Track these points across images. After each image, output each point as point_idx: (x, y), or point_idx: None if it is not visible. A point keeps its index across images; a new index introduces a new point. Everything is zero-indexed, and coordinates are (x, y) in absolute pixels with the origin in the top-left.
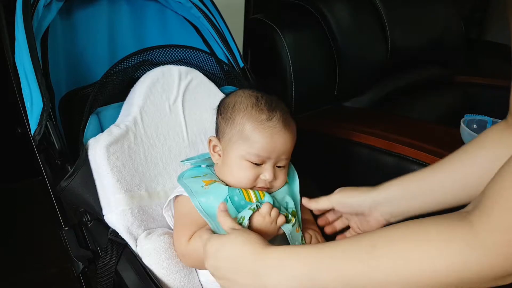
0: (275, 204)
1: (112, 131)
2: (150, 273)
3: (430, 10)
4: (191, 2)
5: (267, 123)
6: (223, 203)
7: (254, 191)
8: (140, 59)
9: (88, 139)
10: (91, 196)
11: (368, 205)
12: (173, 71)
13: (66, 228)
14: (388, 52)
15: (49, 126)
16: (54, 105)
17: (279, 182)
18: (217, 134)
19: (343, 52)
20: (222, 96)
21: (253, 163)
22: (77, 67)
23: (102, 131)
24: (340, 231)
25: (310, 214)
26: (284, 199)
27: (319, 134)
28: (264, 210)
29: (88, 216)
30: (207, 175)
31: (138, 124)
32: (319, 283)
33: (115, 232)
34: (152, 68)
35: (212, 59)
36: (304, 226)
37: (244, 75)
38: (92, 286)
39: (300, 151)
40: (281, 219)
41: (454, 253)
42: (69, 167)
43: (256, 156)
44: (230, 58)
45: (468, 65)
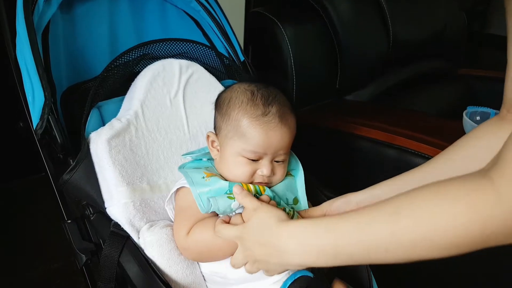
0: (275, 198)
1: (114, 124)
2: (152, 264)
3: (432, 3)
4: None
5: (262, 119)
6: (237, 186)
7: (254, 185)
8: (141, 53)
9: (90, 133)
10: (93, 189)
11: (355, 203)
12: (173, 64)
13: (69, 221)
14: (390, 45)
15: (51, 120)
16: (55, 99)
17: (278, 177)
18: (215, 130)
19: (344, 46)
20: (222, 89)
21: (249, 159)
22: (78, 62)
23: (104, 125)
24: None
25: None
26: (285, 194)
27: (320, 128)
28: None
29: (90, 209)
30: (208, 167)
31: (139, 117)
32: (342, 250)
33: (117, 225)
34: (153, 62)
35: (212, 52)
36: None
37: (244, 68)
38: (95, 278)
39: (302, 145)
40: None
41: (477, 208)
42: (71, 160)
43: (252, 152)
44: (230, 52)
45: (471, 58)
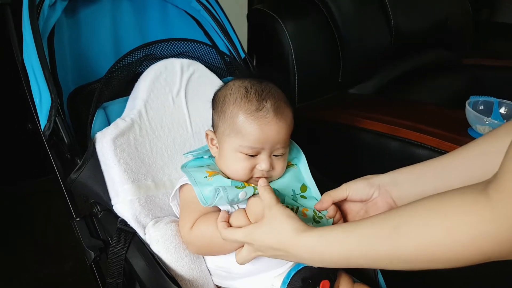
0: (279, 195)
1: (118, 124)
2: (158, 259)
3: None
4: None
5: (256, 114)
6: (263, 179)
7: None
8: (143, 54)
9: (96, 133)
10: (100, 187)
11: (377, 186)
12: (175, 64)
13: (78, 219)
14: (392, 37)
15: (58, 121)
16: (62, 101)
17: (278, 171)
18: (213, 127)
19: (345, 39)
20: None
21: (247, 155)
22: (83, 64)
23: (109, 125)
24: None
25: None
26: (291, 185)
27: (323, 121)
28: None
29: (98, 207)
30: (210, 165)
31: (143, 116)
32: (352, 261)
33: (124, 221)
34: (155, 62)
35: (213, 50)
36: None
37: (245, 65)
38: (104, 274)
39: (304, 139)
40: None
41: (473, 226)
42: (78, 160)
43: (249, 148)
44: (231, 49)
45: (478, 47)
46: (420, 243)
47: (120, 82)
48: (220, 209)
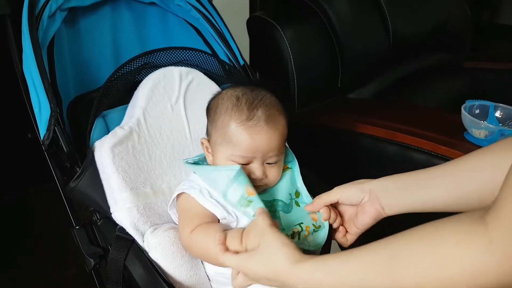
0: (270, 208)
1: (117, 132)
2: (156, 266)
3: None
4: (190, 4)
5: (247, 123)
6: (261, 208)
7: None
8: (142, 62)
9: (95, 141)
10: (99, 195)
11: (368, 191)
12: (174, 72)
13: (77, 227)
14: (390, 41)
15: (57, 130)
16: (61, 110)
17: (272, 179)
18: (207, 136)
19: (344, 44)
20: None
21: (240, 164)
22: (83, 73)
23: (109, 133)
24: None
25: None
26: (288, 190)
27: (320, 126)
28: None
29: (97, 214)
30: None
31: (142, 125)
32: None
33: (122, 229)
34: (154, 70)
35: (211, 58)
36: None
37: (245, 72)
38: (104, 282)
39: (303, 144)
40: None
41: (470, 258)
42: (77, 168)
43: (241, 157)
44: (230, 57)
45: (479, 48)
46: (416, 274)
47: (119, 90)
48: (218, 219)
